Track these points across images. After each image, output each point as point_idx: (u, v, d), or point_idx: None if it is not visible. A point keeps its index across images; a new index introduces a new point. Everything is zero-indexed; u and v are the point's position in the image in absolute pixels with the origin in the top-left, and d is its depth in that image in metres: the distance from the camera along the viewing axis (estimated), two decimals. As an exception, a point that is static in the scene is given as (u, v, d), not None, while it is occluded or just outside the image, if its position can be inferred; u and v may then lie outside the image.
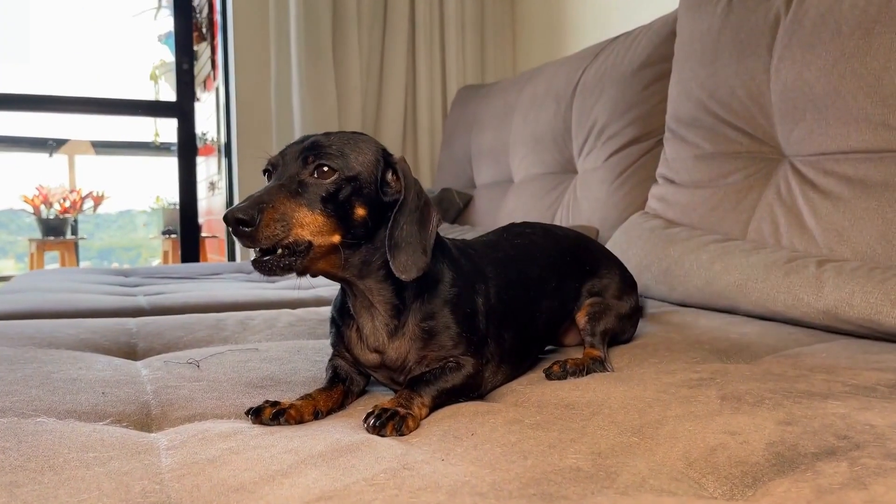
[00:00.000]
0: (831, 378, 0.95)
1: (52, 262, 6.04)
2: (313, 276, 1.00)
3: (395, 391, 1.02)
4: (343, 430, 0.85)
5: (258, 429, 0.87)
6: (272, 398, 1.00)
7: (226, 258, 4.05)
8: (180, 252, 3.97)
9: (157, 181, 6.89)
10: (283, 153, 0.95)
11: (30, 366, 1.15)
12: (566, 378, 1.06)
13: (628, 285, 1.29)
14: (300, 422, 0.91)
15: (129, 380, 1.10)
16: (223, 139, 3.95)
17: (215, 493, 0.67)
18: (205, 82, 5.29)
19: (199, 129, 4.25)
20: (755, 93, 1.66)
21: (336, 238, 0.92)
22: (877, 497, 0.60)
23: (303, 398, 0.95)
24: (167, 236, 5.88)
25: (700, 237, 1.65)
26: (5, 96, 3.90)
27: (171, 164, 5.79)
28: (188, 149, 3.93)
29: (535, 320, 1.14)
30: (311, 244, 0.89)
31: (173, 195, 5.66)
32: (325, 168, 0.91)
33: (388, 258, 0.94)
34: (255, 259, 0.90)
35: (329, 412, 0.96)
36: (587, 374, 1.08)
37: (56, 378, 1.08)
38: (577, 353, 1.20)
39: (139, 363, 1.24)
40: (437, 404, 0.95)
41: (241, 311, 1.70)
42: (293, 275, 0.92)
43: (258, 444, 0.80)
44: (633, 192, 2.09)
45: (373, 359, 1.01)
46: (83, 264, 6.29)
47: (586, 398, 0.93)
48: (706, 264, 1.56)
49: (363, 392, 1.06)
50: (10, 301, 1.86)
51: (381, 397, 1.03)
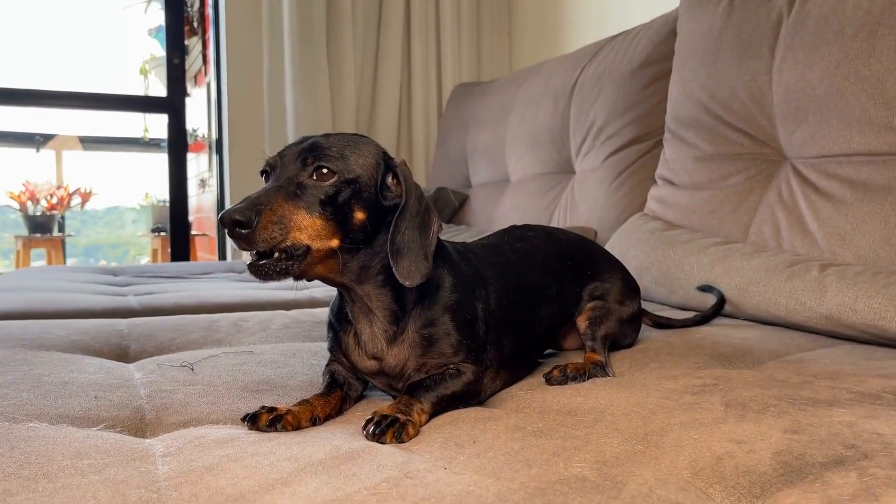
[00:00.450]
0: (836, 385, 0.94)
1: (39, 259, 5.98)
2: (309, 280, 0.98)
3: (394, 397, 1.01)
4: (342, 437, 0.84)
5: (255, 435, 0.85)
6: (268, 403, 0.98)
7: (216, 257, 4.02)
8: (170, 250, 3.94)
9: (147, 178, 6.84)
10: (281, 154, 0.93)
11: (20, 368, 1.13)
12: (567, 383, 1.05)
13: (630, 290, 1.27)
14: (297, 428, 0.89)
15: (121, 383, 1.08)
16: (214, 136, 3.92)
17: (214, 503, 0.66)
18: (195, 77, 5.26)
19: (189, 126, 4.22)
20: (757, 94, 1.65)
21: (334, 242, 0.90)
22: (889, 509, 0.59)
23: (300, 404, 0.93)
24: (156, 234, 5.84)
25: (700, 240, 1.64)
26: (-8, 90, 3.86)
27: (160, 160, 5.75)
28: (178, 145, 3.90)
29: (535, 326, 1.13)
30: (309, 248, 0.87)
31: (163, 192, 5.63)
32: (325, 170, 0.89)
33: (391, 264, 0.92)
34: (251, 263, 0.88)
35: (327, 418, 0.95)
36: (588, 378, 1.07)
37: (47, 381, 1.06)
38: (577, 358, 1.18)
39: (131, 366, 1.22)
40: (437, 411, 0.93)
41: (234, 313, 1.67)
42: (290, 279, 0.90)
43: (256, 451, 0.78)
44: (632, 194, 2.08)
45: (371, 365, 0.99)
46: (69, 261, 6.23)
47: (588, 404, 0.92)
48: (707, 267, 1.56)
49: (361, 397, 1.05)
50: (-3, 300, 1.82)
51: (380, 403, 1.02)
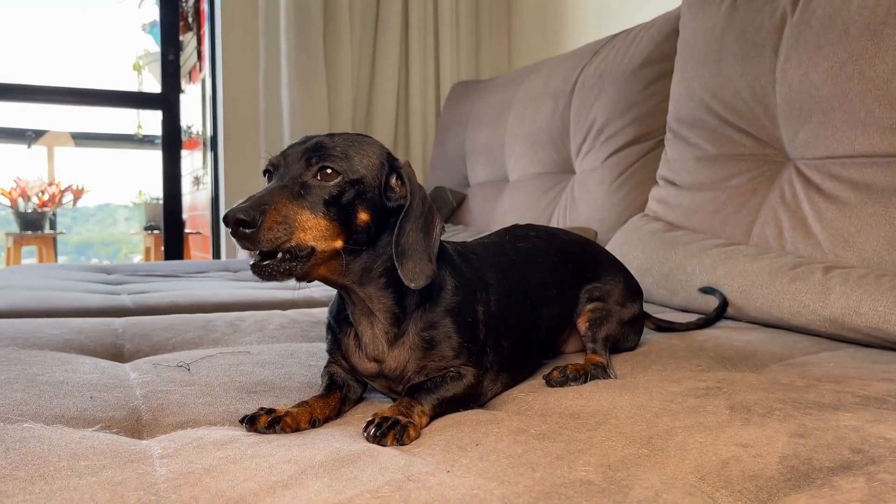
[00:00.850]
0: (841, 389, 0.93)
1: (29, 257, 5.94)
2: (310, 281, 0.97)
3: (393, 400, 1.00)
4: (342, 439, 0.83)
5: (254, 437, 0.84)
6: (266, 404, 0.97)
7: (210, 256, 3.99)
8: (163, 248, 3.91)
9: (140, 175, 6.78)
10: (284, 153, 0.93)
11: (13, 368, 1.11)
12: (567, 384, 1.04)
13: (632, 292, 1.26)
14: (296, 430, 0.89)
15: (117, 383, 1.07)
16: (209, 133, 3.89)
17: (214, 506, 0.65)
18: (190, 73, 5.23)
19: (183, 122, 4.19)
20: (760, 94, 1.64)
21: (338, 243, 0.89)
22: (898, 515, 0.58)
23: (299, 405, 0.92)
24: (149, 232, 5.81)
25: (703, 241, 1.63)
26: (-17, 85, 3.83)
27: (153, 157, 5.72)
28: (173, 142, 3.87)
29: (536, 328, 1.13)
30: (313, 249, 0.87)
31: (156, 190, 5.60)
32: (329, 170, 0.89)
33: (396, 266, 0.92)
34: (254, 263, 0.87)
35: (326, 420, 0.94)
36: (589, 380, 1.06)
37: (41, 381, 1.05)
38: (577, 359, 1.17)
39: (127, 365, 1.21)
40: (437, 413, 0.93)
41: (230, 312, 1.66)
42: (293, 280, 0.89)
43: (255, 452, 0.77)
44: (633, 194, 2.06)
45: (371, 367, 0.99)
46: (60, 259, 6.18)
47: (591, 407, 0.91)
48: (709, 269, 1.55)
49: (360, 399, 1.04)
50: (-11, 298, 1.80)
51: (379, 405, 1.01)
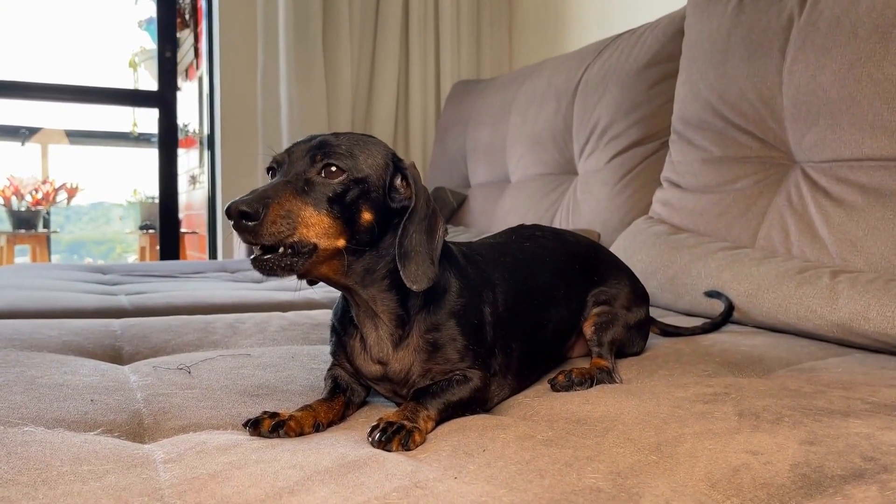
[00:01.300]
0: (849, 395, 0.93)
1: (22, 255, 5.90)
2: (311, 281, 0.97)
3: (397, 404, 0.99)
4: (347, 444, 0.82)
5: (258, 441, 0.83)
6: (269, 408, 0.96)
7: (207, 256, 3.97)
8: (159, 248, 3.88)
9: (135, 173, 6.74)
10: (289, 151, 0.92)
11: (12, 370, 1.10)
12: (572, 389, 1.03)
13: (638, 296, 1.25)
14: (300, 434, 0.87)
15: (117, 386, 1.05)
16: (206, 131, 3.87)
17: (220, 512, 0.64)
18: (187, 71, 5.20)
19: (180, 120, 4.16)
20: (766, 95, 1.63)
21: (341, 242, 0.88)
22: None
23: (302, 409, 0.91)
24: (145, 231, 5.78)
25: (708, 244, 1.62)
26: (-24, 82, 3.80)
27: (149, 155, 5.68)
28: (169, 140, 3.84)
29: (543, 329, 1.11)
30: (315, 246, 0.86)
31: (152, 188, 5.57)
32: (334, 168, 0.88)
33: (399, 267, 0.91)
34: (255, 257, 0.86)
35: (330, 424, 0.93)
36: (595, 384, 1.06)
37: (41, 383, 1.03)
38: (583, 364, 1.16)
39: (126, 368, 1.20)
40: (443, 418, 0.91)
41: (229, 314, 1.64)
42: (293, 277, 0.88)
43: (260, 458, 0.76)
44: (637, 196, 2.05)
45: (376, 370, 0.98)
46: (53, 258, 6.14)
47: (598, 413, 0.90)
48: (715, 272, 1.53)
49: (364, 403, 1.03)
50: (-16, 299, 1.78)
51: (383, 409, 1.00)
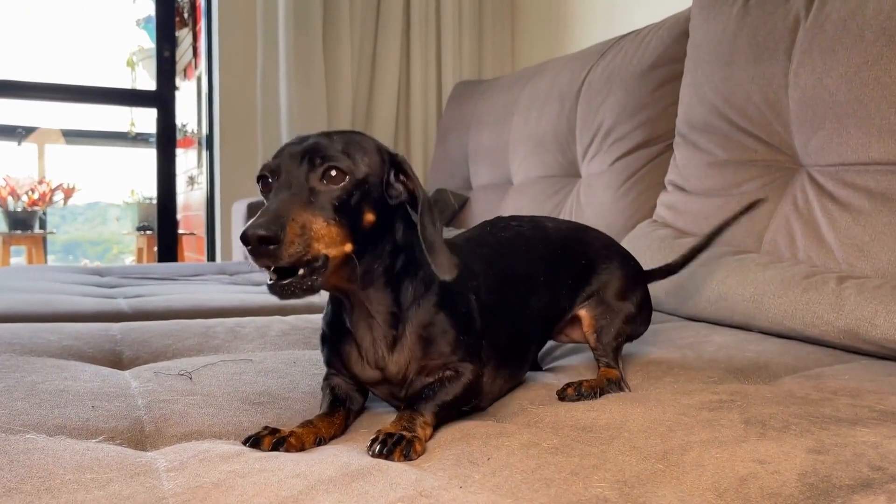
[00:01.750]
0: (857, 403, 0.92)
1: (18, 256, 5.87)
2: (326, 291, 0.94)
3: (395, 406, 0.99)
4: (350, 454, 0.81)
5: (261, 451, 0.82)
6: (271, 415, 0.95)
7: (205, 257, 3.95)
8: (157, 250, 3.87)
9: (132, 174, 6.71)
10: (279, 157, 0.88)
11: (12, 375, 1.09)
12: (580, 401, 1.02)
13: (631, 279, 1.21)
14: (301, 450, 0.86)
15: (118, 392, 1.04)
16: (204, 131, 3.85)
17: (224, 521, 0.63)
18: (185, 70, 5.18)
19: (178, 120, 4.14)
20: (772, 98, 1.62)
21: (348, 247, 0.86)
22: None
23: (303, 426, 0.89)
24: (142, 232, 5.75)
25: (713, 248, 1.60)
26: (-28, 81, 3.78)
27: (147, 155, 5.66)
28: (167, 140, 3.82)
29: (528, 315, 1.10)
30: (327, 258, 0.83)
31: (149, 189, 5.54)
32: (335, 171, 0.85)
33: (429, 261, 0.89)
34: (273, 283, 0.82)
35: (332, 438, 0.91)
36: (601, 395, 1.04)
37: (42, 389, 1.02)
38: (590, 374, 1.15)
39: (127, 373, 1.18)
40: (440, 420, 0.91)
41: (230, 318, 1.63)
42: (314, 296, 0.85)
43: (263, 467, 0.75)
44: (641, 199, 2.03)
45: (373, 375, 0.96)
46: (49, 259, 6.11)
47: (603, 420, 0.89)
48: (720, 277, 1.52)
49: (362, 410, 1.02)
50: (-19, 302, 1.76)
51: (383, 416, 0.99)
